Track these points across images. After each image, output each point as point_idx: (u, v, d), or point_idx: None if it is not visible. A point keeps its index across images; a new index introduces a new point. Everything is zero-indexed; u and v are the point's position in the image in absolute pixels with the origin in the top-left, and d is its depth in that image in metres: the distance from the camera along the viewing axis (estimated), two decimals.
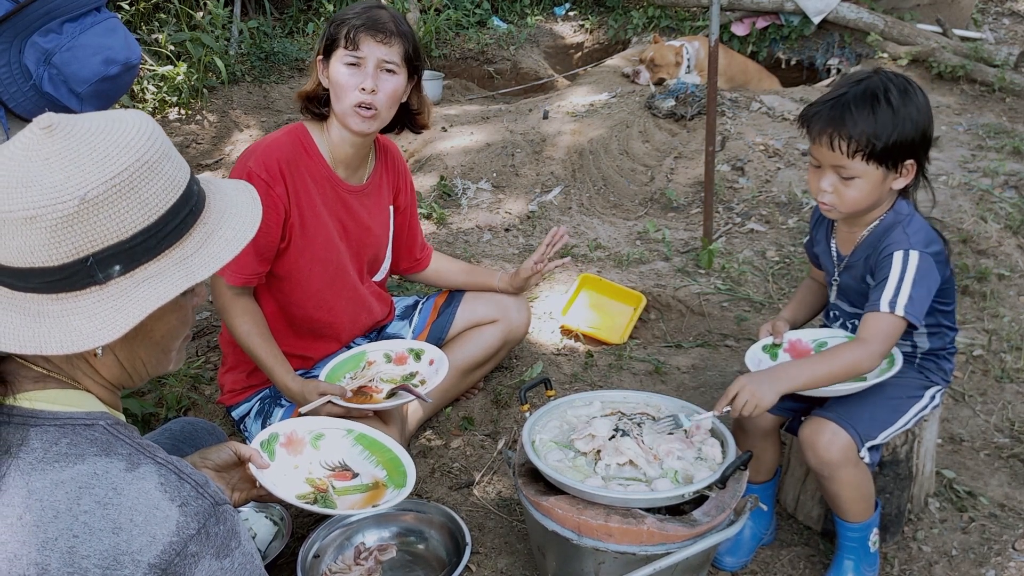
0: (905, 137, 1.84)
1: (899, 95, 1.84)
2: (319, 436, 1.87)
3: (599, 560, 1.75)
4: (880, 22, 5.33)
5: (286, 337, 2.36)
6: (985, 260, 3.37)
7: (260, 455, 1.63)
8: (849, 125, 1.83)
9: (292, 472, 1.78)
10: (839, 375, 1.86)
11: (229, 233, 1.18)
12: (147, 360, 1.22)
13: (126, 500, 1.06)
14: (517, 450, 1.96)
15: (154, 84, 5.33)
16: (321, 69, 2.22)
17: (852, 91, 1.86)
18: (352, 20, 2.14)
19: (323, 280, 2.34)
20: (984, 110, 4.76)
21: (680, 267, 3.50)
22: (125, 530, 1.04)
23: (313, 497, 1.72)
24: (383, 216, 2.49)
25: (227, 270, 2.20)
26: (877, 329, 1.85)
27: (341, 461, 1.85)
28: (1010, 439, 2.51)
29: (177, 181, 1.13)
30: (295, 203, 2.23)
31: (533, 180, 4.39)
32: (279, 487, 1.65)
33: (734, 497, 1.78)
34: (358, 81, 2.14)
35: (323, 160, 2.28)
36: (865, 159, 1.85)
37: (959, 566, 2.08)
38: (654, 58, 5.35)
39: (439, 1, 6.85)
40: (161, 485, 1.09)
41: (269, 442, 1.79)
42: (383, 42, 2.14)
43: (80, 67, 2.29)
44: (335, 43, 2.16)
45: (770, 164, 4.27)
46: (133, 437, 1.15)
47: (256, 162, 2.17)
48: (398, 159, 2.53)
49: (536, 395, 2.46)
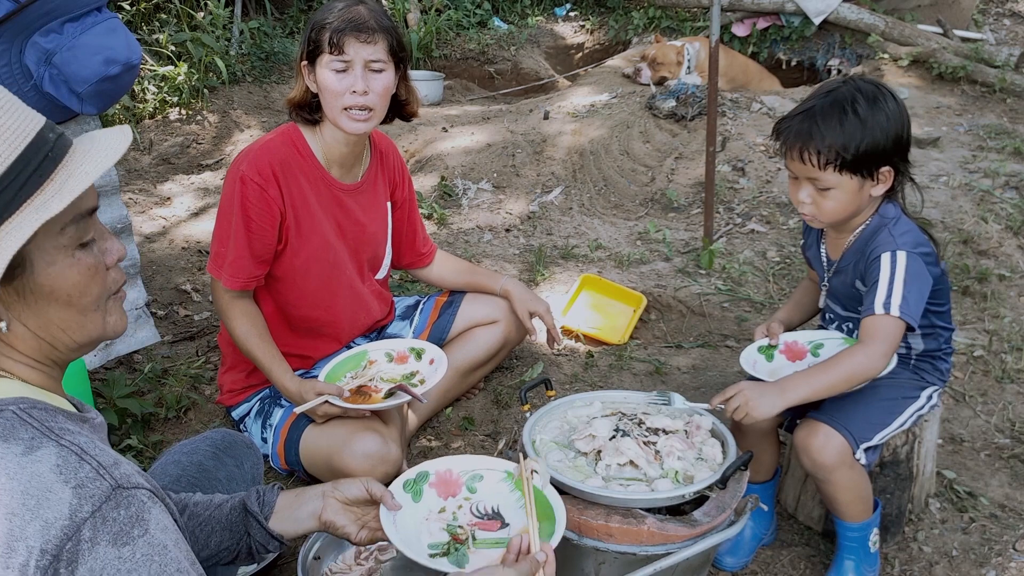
0: (875, 145, 1.83)
1: (867, 104, 1.84)
2: (477, 477, 1.68)
3: (599, 560, 1.75)
4: (881, 23, 5.33)
5: (285, 337, 2.36)
6: (986, 261, 3.37)
7: (391, 497, 1.55)
8: (817, 138, 1.83)
9: (435, 517, 1.60)
10: (843, 383, 1.84)
11: (89, 167, 1.13)
12: (63, 324, 1.17)
13: (18, 485, 1.02)
14: (517, 450, 1.96)
15: (155, 84, 5.34)
16: (307, 74, 2.20)
17: (820, 103, 1.86)
18: (333, 23, 2.11)
19: (321, 280, 2.34)
20: (985, 111, 4.76)
21: (681, 267, 3.50)
22: (18, 516, 1.00)
23: (446, 549, 1.53)
24: (380, 213, 2.48)
25: (225, 274, 2.21)
26: (875, 332, 1.84)
27: (495, 508, 1.62)
28: (1011, 439, 2.51)
29: (21, 131, 1.10)
30: (290, 204, 2.23)
31: (534, 180, 4.39)
32: (406, 537, 1.50)
33: (734, 497, 1.77)
34: (348, 84, 2.13)
35: (316, 160, 2.28)
36: (837, 170, 1.85)
37: (960, 566, 2.08)
38: (656, 57, 5.35)
39: (440, 2, 6.85)
40: (57, 467, 1.04)
41: (416, 481, 1.64)
42: (367, 41, 2.12)
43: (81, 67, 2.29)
44: (319, 48, 2.14)
45: (770, 165, 4.27)
46: (45, 420, 1.10)
47: (248, 166, 2.17)
48: (393, 154, 2.53)
49: (536, 395, 2.46)
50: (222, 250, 2.22)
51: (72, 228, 1.13)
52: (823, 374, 1.85)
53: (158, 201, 4.41)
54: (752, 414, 1.81)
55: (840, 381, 1.83)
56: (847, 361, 1.84)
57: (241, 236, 2.18)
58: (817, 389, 1.84)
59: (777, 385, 1.87)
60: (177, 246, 3.87)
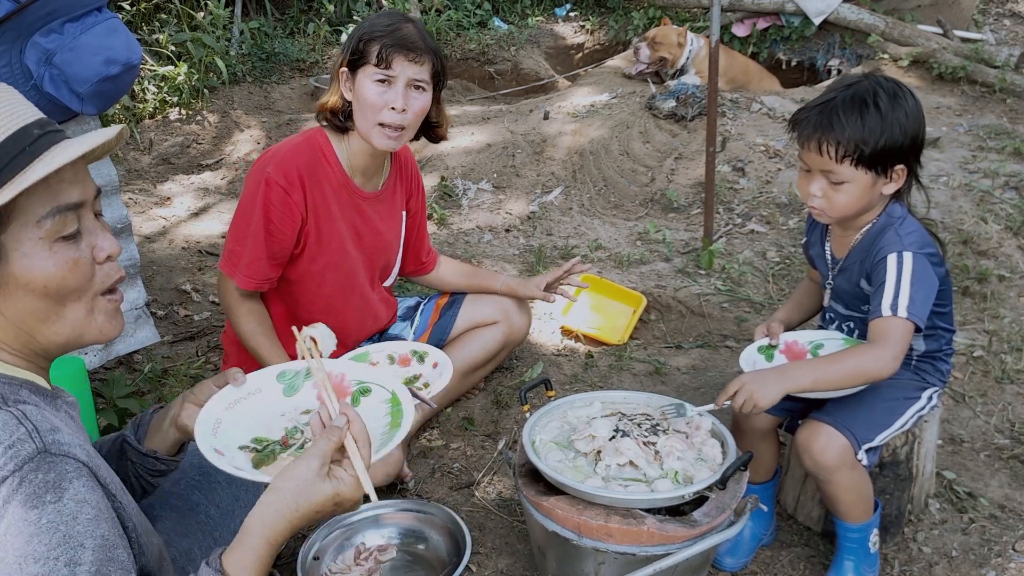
0: (894, 142, 1.83)
1: (888, 100, 1.83)
2: (365, 391, 1.54)
3: (599, 561, 1.75)
4: (881, 23, 5.33)
5: (292, 339, 2.35)
6: (985, 261, 3.37)
7: (240, 373, 1.50)
8: (837, 130, 1.83)
9: (292, 416, 1.49)
10: (845, 379, 1.83)
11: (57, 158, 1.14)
12: (40, 316, 1.18)
13: None
14: (517, 450, 1.96)
15: (155, 84, 5.34)
16: (344, 81, 2.20)
17: (841, 96, 1.86)
18: (383, 38, 2.11)
19: (334, 287, 2.35)
20: (985, 111, 4.76)
21: (680, 268, 3.50)
22: None
23: (262, 447, 1.42)
24: (396, 222, 2.49)
25: (240, 274, 2.20)
26: (884, 334, 1.82)
27: None
28: (1010, 440, 2.51)
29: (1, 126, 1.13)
30: (312, 210, 2.22)
31: (534, 181, 4.39)
32: (237, 424, 1.40)
33: (734, 498, 1.78)
34: (388, 99, 2.13)
35: (341, 168, 2.28)
36: (853, 164, 1.84)
37: (959, 567, 2.08)
38: (656, 36, 5.31)
39: (440, 2, 6.85)
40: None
41: (296, 376, 1.54)
42: (415, 60, 2.13)
43: (81, 67, 2.29)
44: (363, 58, 2.13)
45: (771, 165, 4.27)
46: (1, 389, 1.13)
47: (275, 168, 2.17)
48: (411, 164, 2.54)
49: (536, 396, 2.46)
50: (238, 249, 2.21)
51: (49, 221, 1.14)
52: (828, 366, 1.84)
53: (158, 201, 4.41)
54: (759, 403, 1.80)
55: (844, 377, 1.82)
56: (854, 358, 1.83)
57: (260, 238, 2.18)
58: (819, 379, 1.82)
59: (777, 370, 1.87)
60: (177, 246, 3.88)
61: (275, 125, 5.21)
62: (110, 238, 1.23)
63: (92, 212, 1.23)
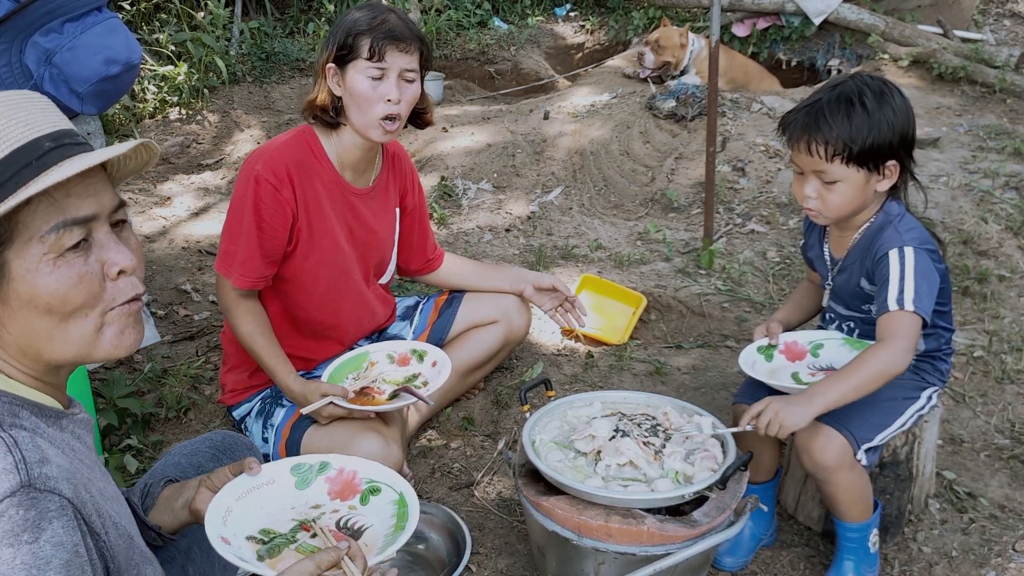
0: (882, 139, 1.84)
1: (874, 98, 1.85)
2: (375, 490, 1.55)
3: (599, 560, 1.75)
4: (881, 23, 5.33)
5: (289, 338, 2.36)
6: (986, 261, 3.37)
7: (255, 463, 1.49)
8: (825, 129, 1.84)
9: (302, 510, 1.50)
10: (868, 384, 1.80)
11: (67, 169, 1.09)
12: (46, 334, 1.13)
13: None
14: (517, 450, 1.96)
15: (155, 84, 5.33)
16: (331, 76, 2.19)
17: (827, 96, 1.87)
18: (372, 31, 2.10)
19: (329, 283, 2.34)
20: (985, 111, 4.76)
21: (681, 268, 3.50)
22: None
23: (269, 539, 1.44)
24: (389, 218, 2.48)
25: (235, 273, 2.20)
26: (894, 328, 1.82)
27: (361, 527, 1.49)
28: (1010, 440, 2.51)
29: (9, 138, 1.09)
30: (303, 207, 2.22)
31: (534, 180, 4.39)
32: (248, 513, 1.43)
33: (734, 498, 1.78)
34: (384, 92, 2.13)
35: (331, 164, 2.28)
36: (844, 162, 1.85)
37: (959, 567, 2.08)
38: (659, 39, 5.31)
39: (440, 2, 6.85)
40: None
41: (310, 469, 1.55)
42: (405, 51, 2.13)
43: (81, 67, 2.29)
44: (352, 53, 2.12)
45: (771, 165, 4.27)
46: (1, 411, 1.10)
47: (264, 166, 2.17)
48: (404, 160, 2.53)
49: (536, 396, 2.46)
50: (232, 248, 2.21)
51: (53, 235, 1.09)
52: (849, 377, 1.82)
53: (158, 201, 4.41)
54: (785, 425, 1.79)
55: (866, 382, 1.80)
56: (871, 361, 1.81)
57: (252, 236, 2.18)
58: (846, 392, 1.80)
59: (804, 395, 1.84)
60: (177, 246, 3.87)
61: (275, 125, 5.21)
62: (125, 252, 1.16)
63: (107, 225, 1.16)
